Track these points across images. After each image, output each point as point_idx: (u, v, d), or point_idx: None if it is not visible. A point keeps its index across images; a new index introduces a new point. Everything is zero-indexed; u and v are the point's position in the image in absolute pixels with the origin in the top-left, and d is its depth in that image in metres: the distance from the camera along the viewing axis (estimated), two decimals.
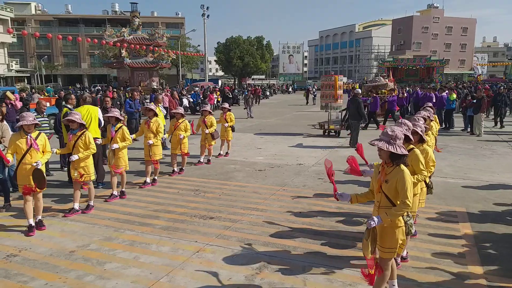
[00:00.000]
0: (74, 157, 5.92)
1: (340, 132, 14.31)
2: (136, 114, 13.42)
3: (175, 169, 8.73)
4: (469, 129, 14.93)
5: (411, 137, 4.18)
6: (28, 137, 5.35)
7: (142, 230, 5.57)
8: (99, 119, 7.77)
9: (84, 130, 6.12)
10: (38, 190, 5.40)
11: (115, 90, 20.49)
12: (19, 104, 11.44)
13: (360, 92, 13.68)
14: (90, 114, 7.59)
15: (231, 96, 21.15)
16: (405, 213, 3.52)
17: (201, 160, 9.70)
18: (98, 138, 7.35)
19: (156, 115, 7.86)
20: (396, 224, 3.48)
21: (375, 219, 3.41)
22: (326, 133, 14.44)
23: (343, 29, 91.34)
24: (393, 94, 18.19)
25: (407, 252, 4.57)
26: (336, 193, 3.87)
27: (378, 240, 3.51)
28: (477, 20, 77.30)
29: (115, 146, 6.71)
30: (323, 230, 5.52)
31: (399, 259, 4.40)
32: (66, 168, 8.41)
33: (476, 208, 6.40)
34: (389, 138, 3.44)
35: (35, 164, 5.28)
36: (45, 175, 5.48)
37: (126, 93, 20.30)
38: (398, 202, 3.41)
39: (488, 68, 79.42)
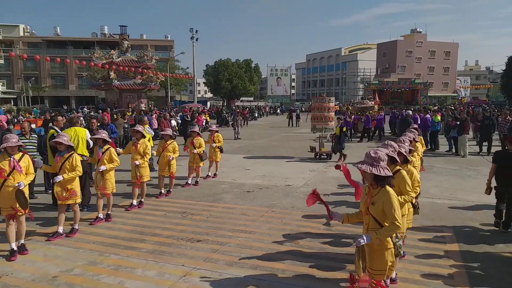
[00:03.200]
0: (59, 178, 5.82)
1: (332, 156, 13.94)
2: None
3: (162, 191, 8.64)
4: (453, 150, 15.16)
5: (397, 158, 4.23)
6: (11, 159, 5.25)
7: (128, 254, 5.45)
8: (87, 141, 7.70)
9: (72, 152, 6.05)
10: (21, 211, 5.27)
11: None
12: (5, 125, 11.29)
13: (411, 113, 14.92)
14: (77, 136, 7.52)
15: (189, 119, 20.19)
16: (394, 234, 3.53)
17: (189, 182, 9.62)
18: (85, 155, 7.27)
19: (143, 136, 7.84)
20: (385, 246, 3.48)
21: (364, 237, 3.43)
22: (318, 157, 14.00)
23: (330, 52, 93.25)
24: (381, 113, 21.40)
25: (396, 274, 4.55)
26: (330, 213, 3.90)
27: (368, 262, 3.51)
28: (459, 44, 79.83)
29: (102, 168, 6.62)
30: (312, 252, 5.47)
31: (388, 281, 4.38)
32: (50, 191, 8.25)
33: (463, 229, 6.44)
34: (372, 160, 3.47)
35: (17, 184, 5.16)
36: (27, 196, 5.34)
37: (114, 115, 20.09)
38: (387, 224, 3.42)
39: (471, 91, 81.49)
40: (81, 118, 10.63)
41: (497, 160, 6.43)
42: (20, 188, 5.18)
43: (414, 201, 4.83)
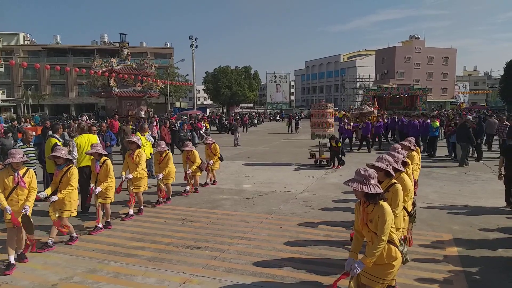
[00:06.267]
0: (53, 198, 5.77)
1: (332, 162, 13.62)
2: (109, 148, 11.56)
3: (161, 199, 8.64)
4: (453, 156, 15.18)
5: (392, 172, 4.23)
6: (16, 174, 5.24)
7: (127, 261, 5.45)
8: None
9: (70, 165, 6.02)
10: (28, 235, 5.28)
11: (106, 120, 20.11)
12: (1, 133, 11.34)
13: (471, 118, 14.51)
14: (90, 143, 7.55)
15: (176, 129, 18.78)
16: (398, 243, 3.55)
17: (187, 189, 9.61)
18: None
19: (139, 147, 7.83)
20: (395, 257, 3.49)
21: (356, 265, 3.40)
22: (318, 163, 13.86)
23: (329, 59, 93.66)
24: (380, 120, 20.02)
25: (396, 280, 4.55)
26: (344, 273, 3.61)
27: (376, 273, 3.50)
28: (457, 50, 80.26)
29: (98, 189, 6.64)
30: (311, 259, 5.48)
31: None
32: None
33: (462, 234, 6.45)
34: (362, 178, 3.49)
35: (23, 210, 5.15)
36: (32, 221, 5.28)
37: (123, 122, 19.88)
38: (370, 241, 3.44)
39: (470, 96, 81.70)
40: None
41: (504, 153, 8.25)
42: (26, 213, 5.17)
43: (410, 209, 4.85)
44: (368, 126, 18.40)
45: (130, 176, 7.51)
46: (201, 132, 23.30)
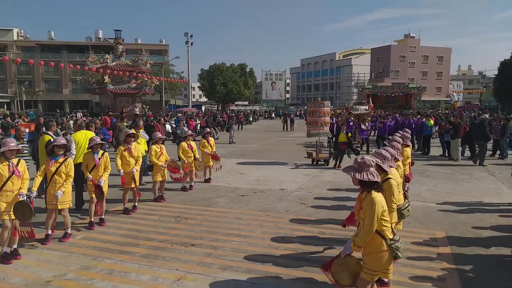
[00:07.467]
0: (59, 193, 5.78)
1: (329, 162, 13.52)
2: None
3: (157, 195, 8.60)
4: (446, 154, 15.27)
5: (384, 167, 4.25)
6: (10, 163, 5.21)
7: (121, 258, 5.43)
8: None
9: (67, 157, 6.00)
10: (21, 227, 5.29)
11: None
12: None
13: (488, 117, 14.45)
14: (87, 139, 7.51)
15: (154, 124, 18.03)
16: (391, 236, 3.57)
17: (186, 186, 9.58)
18: None
19: (135, 140, 7.83)
20: (380, 248, 3.52)
21: (343, 247, 3.59)
22: (315, 162, 13.62)
23: (324, 57, 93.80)
24: (391, 119, 19.39)
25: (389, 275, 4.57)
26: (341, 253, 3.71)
27: (364, 261, 3.58)
28: (452, 49, 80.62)
29: (101, 181, 6.61)
30: (306, 256, 5.49)
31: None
32: (44, 195, 8.19)
33: (455, 232, 6.50)
34: (358, 166, 3.58)
35: (20, 196, 5.14)
36: (31, 207, 5.25)
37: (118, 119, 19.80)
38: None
39: (464, 95, 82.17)
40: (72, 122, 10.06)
41: None
42: (24, 198, 5.16)
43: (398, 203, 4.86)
44: (386, 126, 17.65)
45: (135, 170, 7.49)
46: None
